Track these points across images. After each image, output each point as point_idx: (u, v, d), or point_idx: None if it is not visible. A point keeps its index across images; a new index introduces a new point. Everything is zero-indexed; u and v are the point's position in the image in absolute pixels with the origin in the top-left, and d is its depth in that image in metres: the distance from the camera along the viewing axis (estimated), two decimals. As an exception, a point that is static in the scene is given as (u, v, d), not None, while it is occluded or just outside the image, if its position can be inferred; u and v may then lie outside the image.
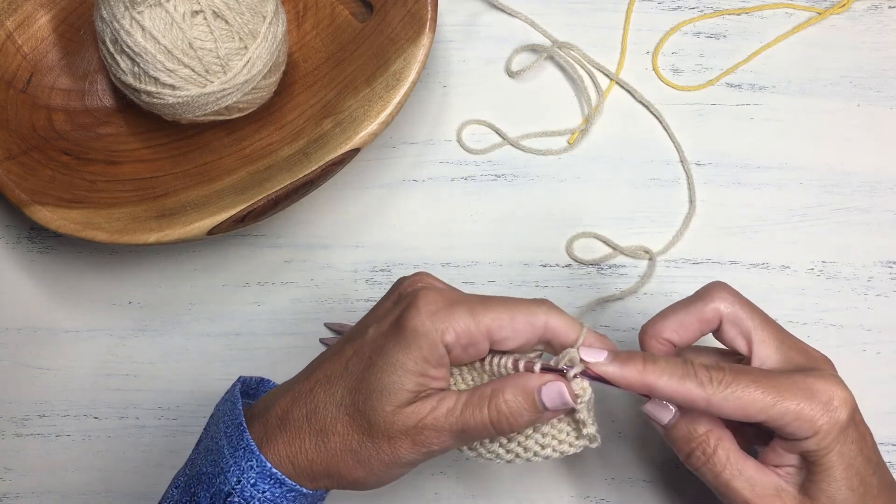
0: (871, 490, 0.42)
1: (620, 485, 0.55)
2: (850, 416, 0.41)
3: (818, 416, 0.40)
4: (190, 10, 0.51)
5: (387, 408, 0.40)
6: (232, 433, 0.42)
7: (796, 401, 0.40)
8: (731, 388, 0.40)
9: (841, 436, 0.41)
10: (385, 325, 0.42)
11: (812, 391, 0.41)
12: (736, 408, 0.40)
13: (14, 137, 0.56)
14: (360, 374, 0.41)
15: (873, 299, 0.57)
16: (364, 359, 0.41)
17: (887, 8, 0.61)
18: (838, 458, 0.41)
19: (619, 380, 0.41)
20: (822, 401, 0.41)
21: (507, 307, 0.41)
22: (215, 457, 0.42)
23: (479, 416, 0.40)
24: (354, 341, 0.43)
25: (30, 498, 0.56)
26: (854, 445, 0.42)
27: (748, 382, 0.41)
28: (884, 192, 0.58)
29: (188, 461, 0.45)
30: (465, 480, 0.55)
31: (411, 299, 0.41)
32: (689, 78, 0.61)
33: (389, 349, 0.40)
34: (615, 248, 0.57)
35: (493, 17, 0.62)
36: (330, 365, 0.43)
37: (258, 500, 0.41)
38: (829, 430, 0.41)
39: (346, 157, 0.54)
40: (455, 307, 0.40)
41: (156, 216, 0.53)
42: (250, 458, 0.41)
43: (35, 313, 0.58)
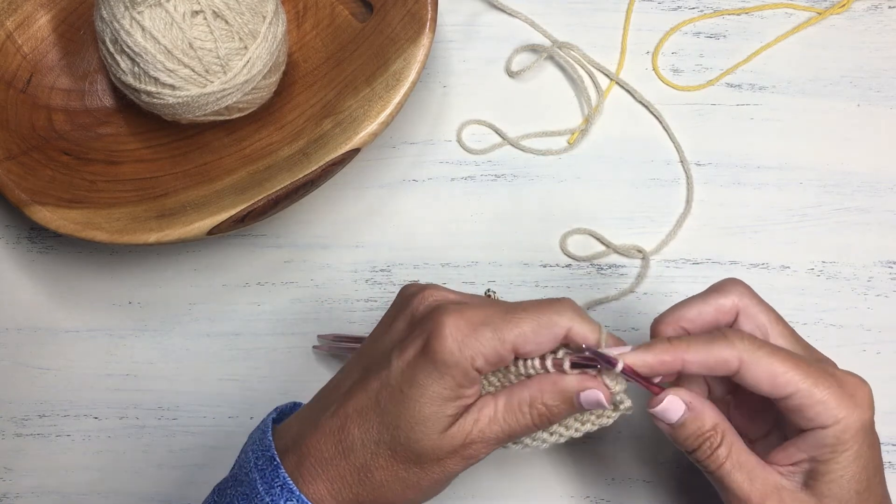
0: (876, 498, 0.42)
1: (620, 485, 0.55)
2: (872, 418, 0.41)
3: (844, 406, 0.40)
4: (190, 10, 0.51)
5: (432, 437, 0.40)
6: (265, 467, 0.41)
7: (825, 386, 0.40)
8: (764, 352, 0.40)
9: (861, 434, 0.40)
10: (410, 355, 0.40)
11: (842, 382, 0.40)
12: (766, 374, 0.40)
13: (14, 137, 0.56)
14: (395, 409, 0.40)
15: (873, 299, 0.57)
16: (396, 392, 0.40)
17: (887, 8, 0.61)
18: (854, 457, 0.40)
19: (651, 363, 0.41)
20: (849, 393, 0.40)
21: (531, 320, 0.40)
22: (247, 490, 0.41)
23: (522, 422, 0.41)
24: (378, 372, 0.41)
25: (30, 498, 0.56)
26: (870, 450, 0.41)
27: (782, 354, 0.40)
28: (884, 192, 0.58)
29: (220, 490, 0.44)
30: (465, 480, 0.55)
31: (434, 327, 0.40)
32: (689, 78, 0.61)
33: (422, 382, 0.40)
34: (608, 246, 0.57)
35: (493, 17, 0.62)
36: (358, 399, 0.41)
37: None
38: (850, 425, 0.40)
39: (346, 157, 0.54)
40: (480, 330, 0.39)
41: (156, 216, 0.53)
42: (290, 498, 0.40)
43: (35, 313, 0.58)
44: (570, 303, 0.42)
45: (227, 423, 0.56)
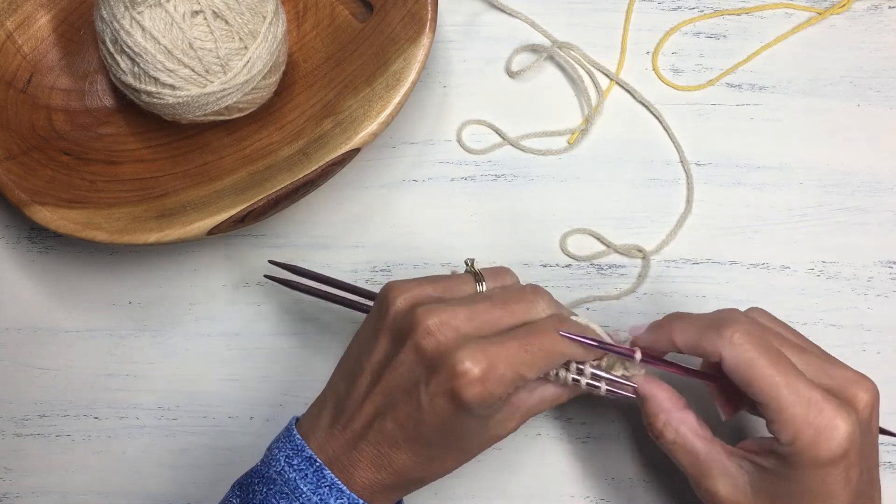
0: None
1: (620, 485, 0.55)
2: (835, 457, 0.41)
3: (803, 436, 0.41)
4: (190, 11, 0.51)
5: (478, 438, 0.45)
6: (304, 468, 0.43)
7: (798, 407, 0.41)
8: (751, 354, 0.42)
9: (813, 467, 0.41)
10: (438, 398, 0.42)
11: (817, 409, 0.41)
12: (744, 376, 0.42)
13: (14, 137, 0.56)
14: (437, 436, 0.43)
15: (873, 299, 0.57)
16: (436, 424, 0.42)
17: (887, 8, 0.61)
18: (797, 483, 0.42)
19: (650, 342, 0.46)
20: (817, 425, 0.41)
21: (543, 357, 0.43)
22: (286, 489, 0.43)
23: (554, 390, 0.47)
24: (408, 405, 0.42)
25: (30, 498, 0.56)
26: (821, 484, 0.41)
27: (771, 363, 0.42)
28: (884, 192, 0.58)
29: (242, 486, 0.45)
30: (464, 480, 0.55)
31: (461, 372, 0.41)
32: (689, 78, 0.61)
33: (457, 421, 0.42)
34: (609, 246, 0.57)
35: (493, 17, 0.62)
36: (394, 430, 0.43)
37: None
38: (803, 452, 0.41)
39: (346, 157, 0.54)
40: (502, 370, 0.41)
41: (156, 216, 0.53)
42: (340, 497, 0.42)
43: (35, 313, 0.58)
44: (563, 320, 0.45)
45: (227, 423, 0.56)
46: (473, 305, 0.43)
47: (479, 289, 0.46)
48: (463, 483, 0.55)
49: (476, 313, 0.43)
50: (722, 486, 0.44)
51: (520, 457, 0.55)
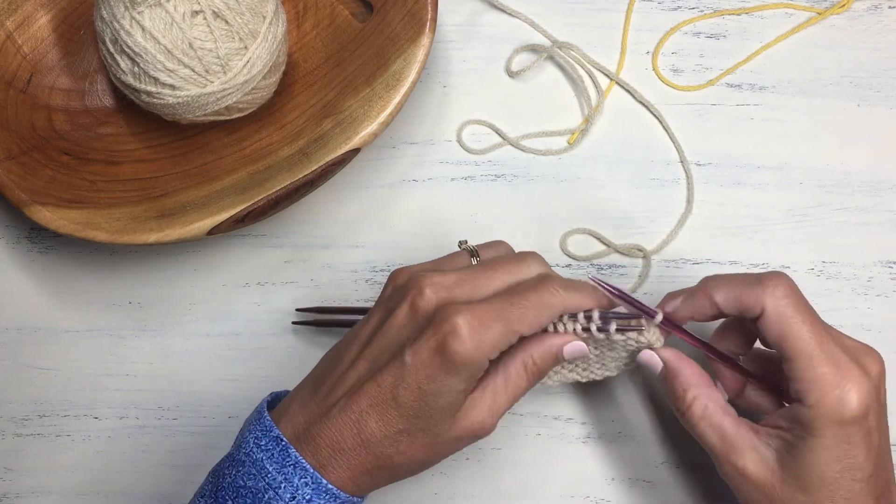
0: (848, 494, 0.43)
1: (620, 485, 0.55)
2: (857, 416, 0.42)
3: (829, 395, 0.42)
4: (190, 10, 0.51)
5: (448, 421, 0.43)
6: (271, 448, 0.43)
7: (826, 368, 0.42)
8: (791, 310, 0.43)
9: (836, 428, 0.42)
10: (425, 355, 0.42)
11: (844, 372, 0.42)
12: (781, 330, 0.43)
13: (14, 137, 0.56)
14: (414, 404, 0.42)
15: (873, 299, 0.57)
16: (413, 389, 0.42)
17: (887, 8, 0.61)
18: (824, 447, 0.42)
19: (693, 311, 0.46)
20: (842, 384, 0.42)
21: (533, 308, 0.43)
22: (253, 471, 0.43)
23: (521, 384, 0.45)
24: (389, 369, 0.43)
25: (30, 498, 0.56)
26: (847, 447, 0.42)
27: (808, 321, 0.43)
28: (884, 192, 0.58)
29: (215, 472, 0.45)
30: (464, 480, 0.55)
31: (450, 329, 0.41)
32: (689, 78, 0.61)
33: (440, 379, 0.42)
34: (609, 246, 0.57)
35: (493, 17, 0.62)
36: (371, 394, 0.43)
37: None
38: (826, 414, 0.42)
39: (346, 157, 0.54)
40: (492, 326, 0.42)
41: (156, 216, 0.53)
42: (304, 475, 0.42)
43: (35, 313, 0.58)
44: (555, 279, 0.45)
45: (227, 423, 0.56)
46: (467, 272, 0.45)
47: (474, 262, 0.48)
48: (463, 483, 0.55)
49: (468, 277, 0.44)
50: (750, 463, 0.44)
51: (520, 457, 0.55)
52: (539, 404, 0.56)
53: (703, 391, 0.46)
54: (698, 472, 0.55)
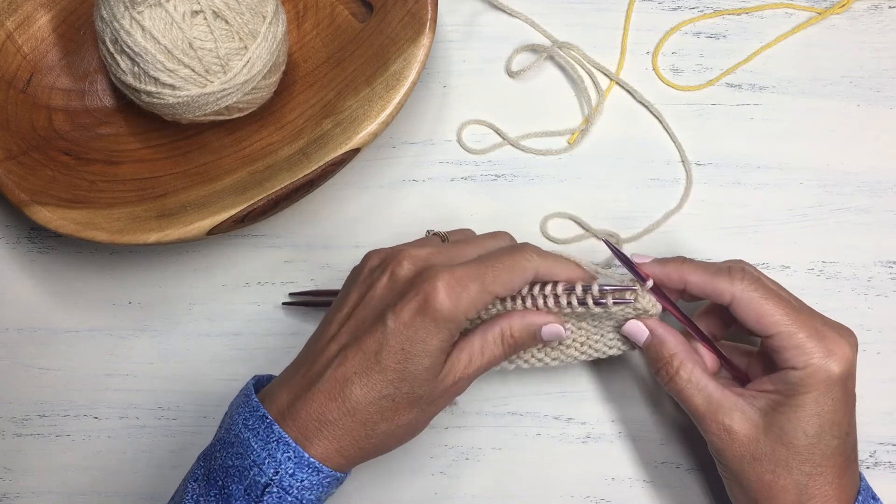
0: (826, 450, 0.46)
1: (620, 485, 0.55)
2: (842, 375, 0.45)
3: (816, 355, 0.45)
4: (190, 10, 0.51)
5: (431, 382, 0.45)
6: (256, 426, 0.44)
7: (806, 333, 0.46)
8: (758, 294, 0.47)
9: (824, 385, 0.45)
10: (407, 315, 0.43)
11: (823, 335, 0.46)
12: (754, 313, 0.46)
13: (14, 137, 0.56)
14: (397, 365, 0.44)
15: (873, 299, 0.57)
16: (396, 351, 0.44)
17: (887, 8, 0.61)
18: (812, 402, 0.45)
19: (658, 274, 0.49)
20: (825, 346, 0.45)
21: (508, 269, 0.45)
22: (240, 450, 0.44)
23: (496, 353, 0.47)
24: (372, 333, 0.44)
25: (30, 498, 0.56)
26: (832, 403, 0.45)
27: (774, 298, 0.47)
28: (884, 192, 0.58)
29: (206, 455, 0.46)
30: (464, 480, 0.55)
31: (430, 288, 0.43)
32: (689, 78, 0.61)
33: (422, 338, 0.44)
34: (587, 230, 0.58)
35: (493, 17, 0.62)
36: (354, 360, 0.44)
37: (297, 488, 0.43)
38: (815, 372, 0.45)
39: (346, 157, 0.54)
40: (469, 285, 0.44)
41: (156, 216, 0.53)
42: (286, 450, 0.43)
43: (35, 313, 0.58)
44: (530, 246, 0.47)
45: (227, 423, 0.56)
46: (442, 246, 0.47)
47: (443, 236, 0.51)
48: (463, 483, 0.55)
49: (444, 249, 0.47)
50: (737, 421, 0.47)
51: (520, 457, 0.55)
52: (539, 404, 0.56)
53: (688, 356, 0.48)
54: (698, 472, 0.55)
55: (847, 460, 0.47)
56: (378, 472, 0.55)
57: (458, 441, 0.56)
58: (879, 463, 0.55)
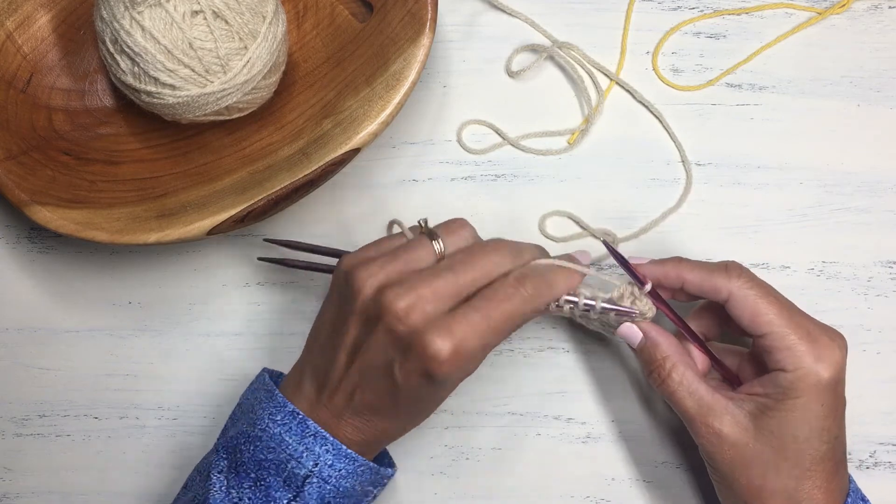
0: (815, 454, 0.46)
1: (620, 485, 0.55)
2: (831, 380, 0.46)
3: (807, 359, 0.45)
4: (190, 10, 0.51)
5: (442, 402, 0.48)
6: (288, 422, 0.46)
7: (798, 336, 0.46)
8: (754, 292, 0.47)
9: (814, 390, 0.45)
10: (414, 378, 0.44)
11: (814, 338, 0.46)
12: (750, 310, 0.47)
13: (14, 137, 0.56)
14: (412, 406, 0.47)
15: (873, 299, 0.57)
16: (408, 397, 0.46)
17: (887, 8, 0.61)
18: (802, 407, 0.45)
19: (657, 273, 0.49)
20: (816, 350, 0.46)
21: (508, 319, 0.45)
22: (272, 444, 0.46)
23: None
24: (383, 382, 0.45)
25: (30, 498, 0.56)
26: (821, 408, 0.45)
27: (769, 298, 0.47)
28: (884, 192, 0.58)
29: (221, 450, 0.47)
30: (464, 480, 0.55)
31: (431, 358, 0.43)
32: (689, 78, 0.61)
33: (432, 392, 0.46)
34: (585, 229, 0.58)
35: (493, 17, 0.62)
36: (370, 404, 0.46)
37: (335, 477, 0.46)
38: (805, 376, 0.45)
39: (346, 157, 0.54)
40: (466, 342, 0.43)
41: (156, 216, 0.53)
42: (324, 443, 0.46)
43: (35, 313, 0.58)
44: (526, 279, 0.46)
45: (227, 423, 0.56)
46: (437, 280, 0.44)
47: (437, 248, 0.47)
48: (463, 483, 0.55)
49: (440, 288, 0.44)
50: (727, 424, 0.47)
51: (520, 457, 0.56)
52: (539, 404, 0.56)
53: (681, 359, 0.49)
54: (698, 472, 0.55)
55: (836, 464, 0.47)
56: (378, 472, 0.55)
57: (458, 441, 0.56)
58: (879, 463, 0.55)
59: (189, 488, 0.49)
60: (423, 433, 0.56)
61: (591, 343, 0.57)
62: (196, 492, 0.47)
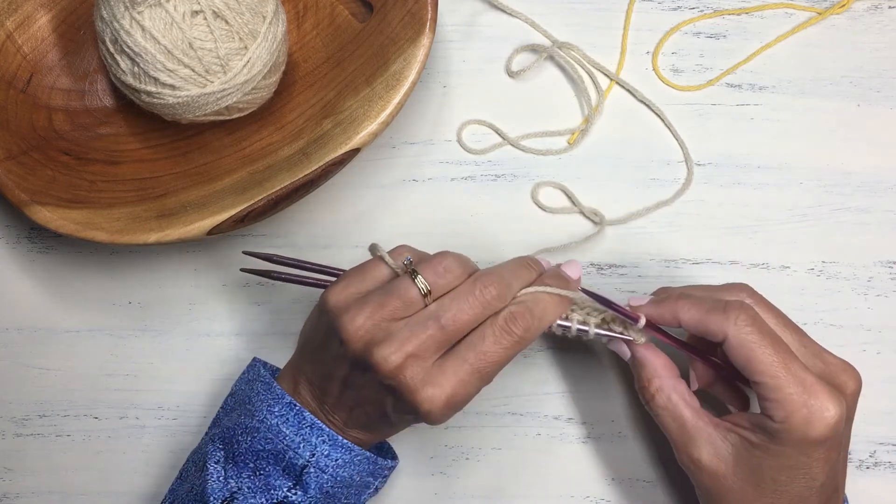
0: (795, 498, 0.45)
1: (620, 485, 0.55)
2: (820, 439, 0.43)
3: (796, 415, 0.43)
4: (190, 10, 0.51)
5: None
6: (285, 413, 0.47)
7: (792, 390, 0.43)
8: (753, 337, 0.44)
9: (800, 445, 0.44)
10: (409, 419, 0.47)
11: (812, 393, 0.43)
12: (744, 357, 0.44)
13: (14, 137, 0.56)
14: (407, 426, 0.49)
15: (873, 299, 0.57)
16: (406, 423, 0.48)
17: (887, 8, 0.61)
18: (786, 456, 0.44)
19: (652, 314, 0.48)
20: (809, 409, 0.43)
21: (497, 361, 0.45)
22: (270, 435, 0.46)
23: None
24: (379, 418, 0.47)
25: (30, 498, 0.56)
26: (806, 459, 0.44)
27: (769, 345, 0.44)
28: (884, 192, 0.58)
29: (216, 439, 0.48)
30: (464, 480, 0.55)
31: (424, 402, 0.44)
32: (690, 78, 0.61)
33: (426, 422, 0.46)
34: (575, 205, 0.58)
35: (493, 17, 0.62)
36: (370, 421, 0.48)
37: (332, 466, 0.46)
38: (792, 430, 0.43)
39: (346, 157, 0.54)
40: (458, 392, 0.44)
41: (156, 216, 0.53)
42: (320, 434, 0.46)
43: (35, 313, 0.58)
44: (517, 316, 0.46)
45: (227, 423, 0.56)
46: (424, 333, 0.44)
47: (422, 288, 0.45)
48: (463, 483, 0.55)
49: (428, 342, 0.44)
50: (705, 454, 0.46)
51: (520, 457, 0.55)
52: (539, 404, 0.56)
53: (666, 382, 0.48)
54: (698, 472, 0.55)
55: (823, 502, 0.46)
56: (378, 472, 0.55)
57: (458, 441, 0.56)
58: (879, 463, 0.55)
59: (185, 478, 0.49)
60: (423, 433, 0.56)
61: (592, 344, 0.57)
62: (192, 482, 0.47)
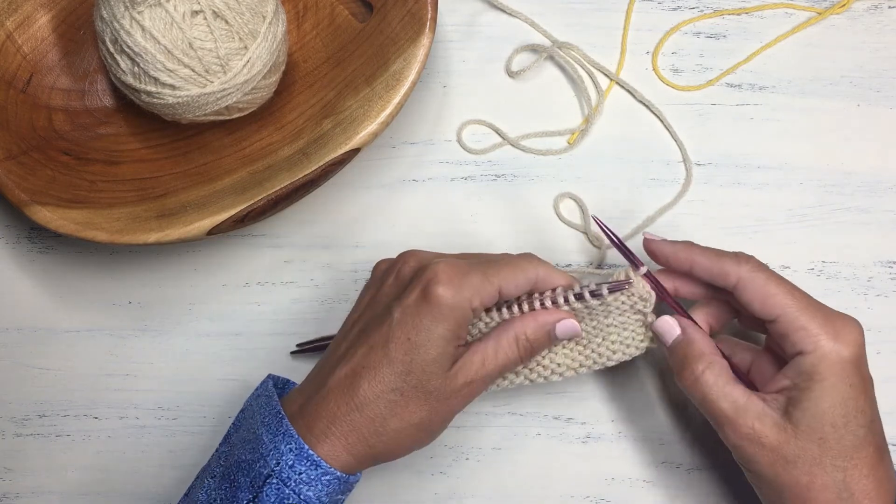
0: (855, 440, 0.44)
1: (620, 485, 0.55)
2: (854, 357, 0.44)
3: (824, 337, 0.44)
4: (190, 10, 0.51)
5: (440, 376, 0.45)
6: (270, 422, 0.45)
7: (811, 315, 0.45)
8: (762, 275, 0.46)
9: (839, 369, 0.44)
10: (411, 304, 0.45)
11: (829, 318, 0.45)
12: (759, 294, 0.46)
13: (14, 137, 0.56)
14: (404, 357, 0.44)
15: (873, 299, 0.57)
16: (403, 341, 0.44)
17: (887, 8, 0.61)
18: (831, 390, 0.44)
19: (667, 252, 0.48)
20: (833, 328, 0.44)
21: (510, 267, 0.47)
22: (254, 445, 0.45)
23: (511, 356, 0.47)
24: (380, 327, 0.45)
25: (30, 498, 0.56)
26: (850, 389, 0.44)
27: (777, 280, 0.46)
28: (884, 192, 0.58)
29: (219, 455, 0.47)
30: (464, 480, 0.55)
31: (430, 275, 0.45)
32: (689, 78, 0.61)
33: (427, 326, 0.44)
34: (583, 223, 0.58)
35: (493, 17, 0.62)
36: (362, 355, 0.45)
37: (294, 480, 0.44)
38: (827, 356, 0.44)
39: (346, 157, 0.54)
40: (471, 275, 0.45)
41: (156, 216, 0.53)
42: (289, 442, 0.44)
43: (35, 313, 0.58)
44: (534, 256, 0.48)
45: (227, 423, 0.56)
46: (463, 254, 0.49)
47: None
48: (463, 483, 0.55)
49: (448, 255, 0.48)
50: (765, 425, 0.45)
51: (520, 457, 0.55)
52: (539, 404, 0.56)
53: (716, 359, 0.47)
54: (698, 472, 0.55)
55: (878, 451, 0.45)
56: (378, 472, 0.55)
57: (458, 441, 0.56)
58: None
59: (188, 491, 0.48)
60: (423, 433, 0.56)
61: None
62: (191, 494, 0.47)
